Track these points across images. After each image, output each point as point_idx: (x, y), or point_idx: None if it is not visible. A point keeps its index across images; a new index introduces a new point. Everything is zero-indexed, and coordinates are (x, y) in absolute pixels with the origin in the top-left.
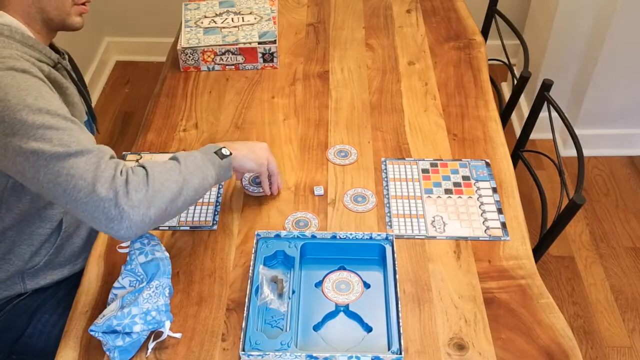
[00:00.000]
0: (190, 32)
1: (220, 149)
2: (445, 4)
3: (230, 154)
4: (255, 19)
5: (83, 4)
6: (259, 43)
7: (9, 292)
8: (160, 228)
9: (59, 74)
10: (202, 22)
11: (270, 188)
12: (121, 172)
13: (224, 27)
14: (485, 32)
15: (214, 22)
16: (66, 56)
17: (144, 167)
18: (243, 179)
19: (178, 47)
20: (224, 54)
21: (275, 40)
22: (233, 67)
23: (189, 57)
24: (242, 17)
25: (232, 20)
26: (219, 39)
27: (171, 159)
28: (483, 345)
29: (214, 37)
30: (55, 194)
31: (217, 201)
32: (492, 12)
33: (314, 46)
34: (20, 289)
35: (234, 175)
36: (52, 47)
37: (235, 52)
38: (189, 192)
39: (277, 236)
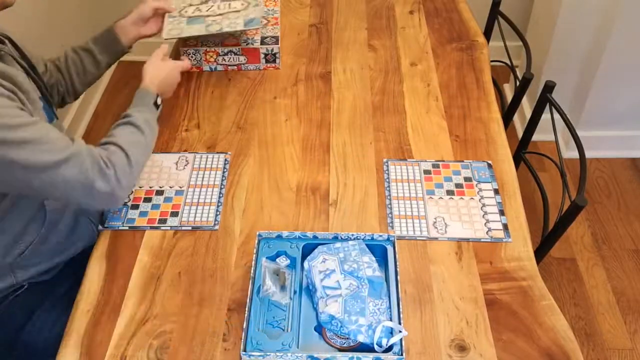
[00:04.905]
0: (173, 22)
1: (156, 99)
2: (447, 5)
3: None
4: (242, 4)
5: None
6: (245, 31)
7: (2, 284)
8: (162, 228)
9: (3, 64)
10: (186, 11)
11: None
12: (105, 163)
13: (208, 16)
14: (487, 34)
15: (199, 10)
16: (6, 41)
17: (121, 149)
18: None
19: (180, 47)
20: (226, 54)
21: (277, 40)
22: (235, 67)
23: (191, 57)
24: (229, 4)
25: (218, 8)
26: (202, 29)
27: (129, 122)
28: (484, 347)
29: (197, 27)
30: (51, 195)
31: (218, 201)
32: (494, 13)
33: (317, 47)
34: (12, 280)
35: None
36: None
37: (238, 53)
38: (151, 153)
39: (279, 236)
